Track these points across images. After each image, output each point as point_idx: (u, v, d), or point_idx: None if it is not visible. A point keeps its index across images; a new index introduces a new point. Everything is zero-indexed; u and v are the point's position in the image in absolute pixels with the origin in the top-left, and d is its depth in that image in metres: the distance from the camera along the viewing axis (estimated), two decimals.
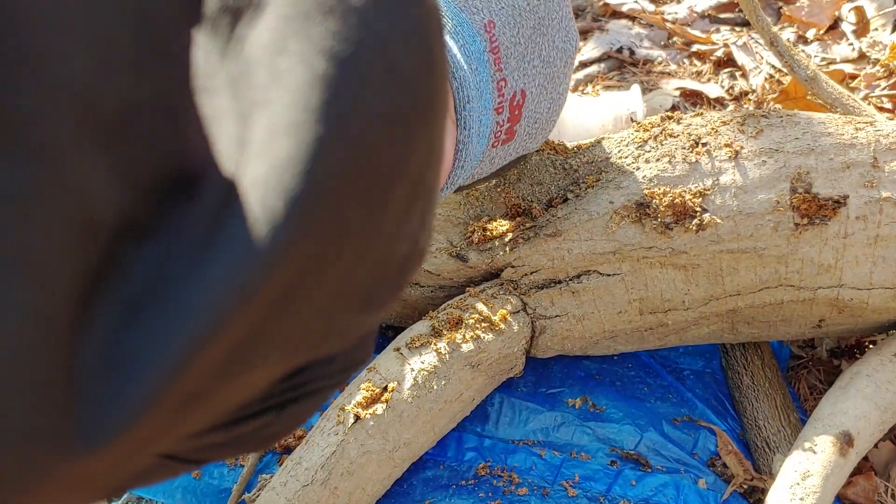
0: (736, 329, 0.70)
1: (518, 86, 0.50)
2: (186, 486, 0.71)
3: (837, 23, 1.23)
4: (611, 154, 0.70)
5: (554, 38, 0.53)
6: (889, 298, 0.66)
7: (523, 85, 0.51)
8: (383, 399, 0.61)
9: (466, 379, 0.65)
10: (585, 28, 1.35)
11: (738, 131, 0.67)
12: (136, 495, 0.71)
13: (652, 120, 0.71)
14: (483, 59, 0.48)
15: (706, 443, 0.71)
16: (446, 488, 0.68)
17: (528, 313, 0.68)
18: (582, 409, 0.74)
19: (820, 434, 0.62)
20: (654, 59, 1.25)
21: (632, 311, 0.68)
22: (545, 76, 0.53)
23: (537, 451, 0.71)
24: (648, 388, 0.77)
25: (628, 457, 0.70)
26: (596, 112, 0.89)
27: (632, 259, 0.66)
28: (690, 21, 1.33)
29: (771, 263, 0.65)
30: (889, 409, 0.65)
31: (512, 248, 0.68)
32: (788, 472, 0.60)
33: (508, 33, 0.49)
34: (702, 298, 0.67)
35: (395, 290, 0.25)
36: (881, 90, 1.04)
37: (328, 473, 0.59)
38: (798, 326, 0.70)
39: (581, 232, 0.66)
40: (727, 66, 1.22)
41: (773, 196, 0.64)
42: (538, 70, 0.52)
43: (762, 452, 0.69)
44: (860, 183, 0.64)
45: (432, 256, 0.69)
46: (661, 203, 0.65)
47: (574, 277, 0.67)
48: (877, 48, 1.15)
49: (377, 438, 0.60)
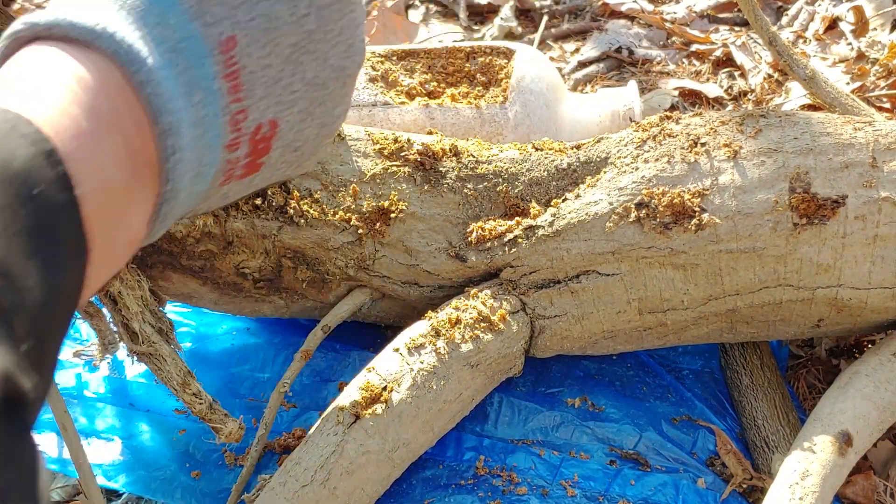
0: (735, 329, 0.71)
1: (265, 117, 0.40)
2: (186, 486, 0.71)
3: (836, 23, 1.23)
4: (609, 154, 0.70)
5: (327, 56, 0.42)
6: (888, 298, 0.66)
7: (274, 115, 0.41)
8: (382, 399, 0.61)
9: (466, 379, 0.65)
10: (584, 28, 1.35)
11: (736, 131, 0.67)
12: (135, 495, 0.72)
13: (651, 120, 0.71)
14: (211, 89, 0.37)
15: (705, 442, 0.72)
16: (445, 488, 0.68)
17: (527, 313, 0.68)
18: (581, 408, 0.75)
19: (819, 434, 0.62)
20: (652, 59, 1.25)
21: (631, 311, 0.68)
22: (310, 100, 0.43)
23: (536, 450, 0.71)
24: (647, 387, 0.77)
25: (627, 456, 0.71)
26: (592, 107, 0.89)
27: (631, 259, 0.66)
28: (689, 21, 1.34)
29: (770, 263, 0.65)
30: (888, 408, 0.65)
31: (511, 249, 0.68)
32: (787, 471, 0.60)
33: (256, 54, 0.39)
34: (701, 298, 0.67)
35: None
36: (880, 90, 1.04)
37: (327, 474, 0.59)
38: (797, 326, 0.70)
39: (580, 232, 0.66)
40: (726, 65, 1.22)
41: (771, 196, 0.64)
42: (300, 95, 0.42)
43: (761, 452, 0.69)
44: (859, 183, 0.64)
45: (431, 257, 0.69)
46: (660, 203, 0.65)
47: (573, 277, 0.67)
48: (875, 48, 1.15)
49: (376, 438, 0.60)
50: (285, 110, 0.41)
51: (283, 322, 0.85)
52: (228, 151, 0.40)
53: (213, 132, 0.38)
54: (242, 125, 0.39)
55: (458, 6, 1.42)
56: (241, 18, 0.38)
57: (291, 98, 0.41)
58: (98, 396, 0.79)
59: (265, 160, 0.42)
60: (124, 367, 0.81)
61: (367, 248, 0.69)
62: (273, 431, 0.74)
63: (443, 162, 0.71)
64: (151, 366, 0.65)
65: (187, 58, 0.36)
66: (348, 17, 0.43)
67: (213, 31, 0.37)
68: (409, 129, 0.83)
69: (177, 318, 0.86)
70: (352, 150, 0.71)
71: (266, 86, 0.40)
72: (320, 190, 0.69)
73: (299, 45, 0.41)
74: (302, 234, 0.68)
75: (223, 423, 0.64)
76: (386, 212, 0.69)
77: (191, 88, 0.36)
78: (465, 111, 0.83)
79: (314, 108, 0.43)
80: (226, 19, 0.37)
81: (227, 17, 0.37)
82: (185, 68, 0.36)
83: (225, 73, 0.38)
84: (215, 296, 0.73)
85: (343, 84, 0.44)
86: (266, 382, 0.79)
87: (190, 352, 0.82)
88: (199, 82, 0.37)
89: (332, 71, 0.43)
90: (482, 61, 0.88)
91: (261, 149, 0.41)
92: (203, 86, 0.37)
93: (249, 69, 0.39)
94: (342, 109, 0.46)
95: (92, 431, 0.76)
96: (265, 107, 0.40)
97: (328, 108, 0.44)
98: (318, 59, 0.42)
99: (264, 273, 0.71)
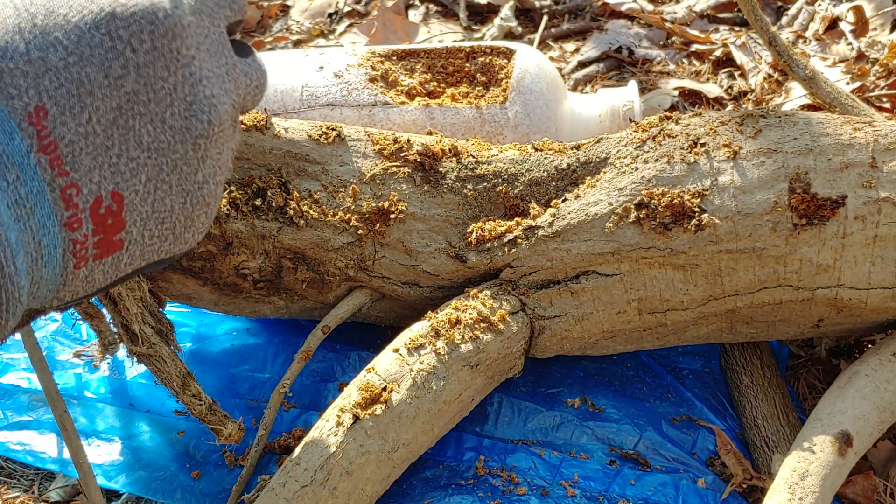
0: (735, 329, 0.71)
1: (103, 189, 0.37)
2: (186, 486, 0.71)
3: (836, 22, 1.23)
4: (609, 154, 0.70)
5: (164, 116, 0.39)
6: (888, 298, 0.66)
7: (114, 186, 0.38)
8: (382, 399, 0.61)
9: (465, 379, 0.65)
10: (584, 28, 1.35)
11: (736, 131, 0.67)
12: (135, 495, 0.72)
13: (650, 120, 0.71)
14: (29, 165, 0.35)
15: (705, 442, 0.72)
16: (445, 488, 0.68)
17: (526, 313, 0.68)
18: (581, 408, 0.75)
19: (819, 434, 0.62)
20: (652, 59, 1.25)
21: (631, 312, 0.68)
22: (157, 167, 0.39)
23: (536, 450, 0.71)
24: (647, 387, 0.77)
25: (627, 456, 0.71)
26: (592, 107, 0.89)
27: (630, 259, 0.66)
28: (689, 21, 1.34)
29: (769, 263, 0.65)
30: (888, 408, 0.65)
31: (511, 249, 0.68)
32: (787, 471, 0.60)
33: (73, 122, 0.36)
34: (700, 298, 0.67)
35: None
36: (880, 90, 1.04)
37: (327, 474, 0.59)
38: (797, 326, 0.70)
39: (580, 232, 0.66)
40: (726, 65, 1.22)
41: (771, 196, 0.64)
42: (142, 162, 0.39)
43: (761, 452, 0.69)
44: (858, 183, 0.64)
45: (431, 257, 0.69)
46: (660, 203, 0.65)
47: (573, 278, 0.67)
48: (875, 48, 1.15)
49: (376, 439, 0.60)
50: (128, 180, 0.39)
51: (282, 322, 0.85)
52: (69, 230, 0.37)
53: (42, 210, 0.36)
54: (77, 199, 0.37)
55: (458, 6, 1.42)
56: (48, 87, 0.36)
57: (131, 166, 0.39)
58: (98, 397, 0.79)
59: (124, 237, 0.39)
60: (124, 367, 0.81)
61: (367, 248, 0.69)
62: (273, 432, 0.74)
63: (442, 162, 0.71)
64: (151, 367, 0.65)
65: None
66: (181, 73, 0.39)
67: (18, 103, 0.35)
68: (409, 128, 0.83)
69: (176, 318, 0.86)
70: (351, 150, 0.71)
71: (94, 155, 0.37)
72: (320, 190, 0.69)
73: (123, 108, 0.38)
74: (302, 235, 0.68)
75: (223, 424, 0.64)
76: (386, 212, 0.69)
77: (3, 167, 0.34)
78: (465, 111, 0.83)
79: (166, 176, 0.40)
80: (31, 89, 0.35)
81: (32, 86, 0.35)
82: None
83: (40, 146, 0.35)
84: (215, 296, 0.73)
85: (195, 146, 0.41)
86: (266, 383, 0.79)
87: (190, 352, 0.83)
88: (13, 158, 0.35)
89: (175, 133, 0.40)
90: (482, 61, 0.88)
91: (110, 224, 0.39)
92: (17, 161, 0.35)
93: (69, 138, 0.36)
94: (208, 174, 0.42)
95: (92, 432, 0.76)
96: (99, 178, 0.37)
97: (186, 174, 0.41)
98: (154, 122, 0.39)
99: (264, 274, 0.71)
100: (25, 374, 0.81)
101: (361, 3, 1.49)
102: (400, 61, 0.89)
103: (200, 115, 0.40)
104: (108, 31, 0.38)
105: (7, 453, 0.75)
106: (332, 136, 0.71)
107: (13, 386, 0.80)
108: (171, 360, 0.65)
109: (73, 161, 0.37)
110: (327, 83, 0.85)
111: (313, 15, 1.46)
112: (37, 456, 0.75)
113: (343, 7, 1.47)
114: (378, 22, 1.37)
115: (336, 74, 0.86)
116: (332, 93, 0.85)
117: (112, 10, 0.38)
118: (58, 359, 0.83)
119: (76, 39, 0.37)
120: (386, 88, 0.86)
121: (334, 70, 0.86)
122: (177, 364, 0.65)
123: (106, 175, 0.38)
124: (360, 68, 0.86)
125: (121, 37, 0.38)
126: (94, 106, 0.37)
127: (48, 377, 0.64)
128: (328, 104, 0.85)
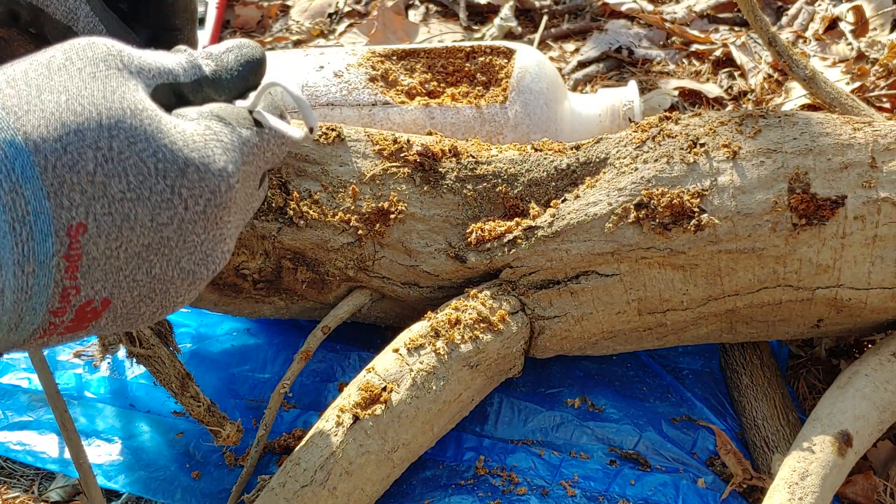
0: (734, 329, 0.71)
1: (98, 295, 0.40)
2: (186, 486, 0.71)
3: (836, 23, 1.23)
4: (609, 154, 0.70)
5: (180, 261, 0.43)
6: (887, 298, 0.66)
7: (108, 294, 0.41)
8: (382, 399, 0.61)
9: (465, 379, 0.65)
10: (584, 28, 1.35)
11: (736, 132, 0.67)
12: (135, 495, 0.72)
13: (650, 120, 0.71)
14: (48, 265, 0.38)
15: (705, 442, 0.72)
16: (445, 488, 0.68)
17: (526, 314, 0.68)
18: (581, 408, 0.75)
19: (818, 434, 0.62)
20: (652, 59, 1.25)
21: (630, 312, 0.68)
22: (151, 289, 0.43)
23: (536, 450, 0.71)
24: (647, 387, 0.77)
25: (627, 456, 0.71)
26: (592, 107, 0.89)
27: (630, 259, 0.66)
28: (689, 21, 1.34)
29: (769, 263, 0.65)
30: (888, 408, 0.65)
31: (510, 249, 0.68)
32: (787, 471, 0.60)
33: (104, 245, 0.39)
34: (700, 298, 0.67)
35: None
36: (880, 90, 1.04)
37: (327, 474, 0.59)
38: (797, 326, 0.70)
39: (579, 232, 0.66)
40: (726, 65, 1.22)
41: (771, 196, 0.64)
42: (142, 284, 0.42)
43: (761, 452, 0.69)
44: (858, 183, 0.64)
45: (431, 257, 0.69)
46: (660, 204, 0.65)
47: (573, 278, 0.67)
48: (875, 48, 1.15)
49: (376, 439, 0.60)
50: (123, 293, 0.41)
51: (282, 323, 0.85)
52: (53, 316, 0.39)
53: (39, 299, 0.38)
54: (73, 298, 0.39)
55: (458, 6, 1.42)
56: (98, 211, 0.38)
57: (131, 285, 0.41)
58: (98, 397, 0.79)
59: (92, 326, 0.42)
60: (124, 367, 0.81)
61: (367, 248, 0.69)
62: (273, 432, 0.74)
63: (442, 163, 0.71)
64: (150, 368, 0.65)
65: (31, 231, 0.36)
66: (213, 233, 0.43)
67: (66, 214, 0.37)
68: (409, 128, 0.83)
69: (176, 318, 0.86)
70: (351, 151, 0.71)
71: (106, 272, 0.40)
72: (320, 191, 0.69)
73: (152, 246, 0.40)
74: (302, 236, 0.68)
75: (221, 425, 0.64)
76: (385, 213, 0.69)
77: (26, 258, 0.36)
78: (465, 111, 0.83)
79: (155, 296, 0.43)
80: (82, 207, 0.37)
81: (84, 205, 0.37)
82: (26, 239, 0.36)
83: (66, 254, 0.38)
84: (215, 297, 0.73)
85: (191, 285, 0.44)
86: (266, 383, 0.79)
87: (190, 353, 0.83)
88: (37, 256, 0.37)
89: (182, 273, 0.43)
90: (482, 61, 0.88)
91: (88, 317, 0.41)
92: (40, 260, 0.37)
93: (91, 256, 0.38)
94: (186, 300, 0.45)
95: (92, 432, 0.76)
96: (100, 287, 0.40)
97: (170, 298, 0.44)
98: (170, 262, 0.42)
99: (264, 274, 0.71)
100: (25, 374, 0.81)
101: (361, 3, 1.49)
102: (400, 61, 0.89)
103: (210, 265, 0.44)
104: (172, 185, 0.40)
105: (7, 453, 0.76)
106: (332, 137, 0.71)
107: (13, 386, 0.80)
108: (170, 361, 0.65)
109: (85, 272, 0.39)
110: (327, 83, 0.85)
111: (313, 15, 1.46)
112: (37, 456, 0.75)
113: (343, 7, 1.47)
114: (378, 22, 1.37)
115: (336, 74, 0.86)
116: (332, 92, 0.85)
117: (184, 167, 0.40)
118: (58, 359, 0.83)
119: (141, 181, 0.39)
120: (386, 88, 0.86)
121: (334, 70, 0.86)
122: (175, 365, 0.65)
123: (106, 286, 0.40)
124: (360, 68, 0.86)
125: (181, 195, 0.40)
126: (129, 239, 0.40)
127: (48, 377, 0.64)
128: (328, 104, 0.85)
